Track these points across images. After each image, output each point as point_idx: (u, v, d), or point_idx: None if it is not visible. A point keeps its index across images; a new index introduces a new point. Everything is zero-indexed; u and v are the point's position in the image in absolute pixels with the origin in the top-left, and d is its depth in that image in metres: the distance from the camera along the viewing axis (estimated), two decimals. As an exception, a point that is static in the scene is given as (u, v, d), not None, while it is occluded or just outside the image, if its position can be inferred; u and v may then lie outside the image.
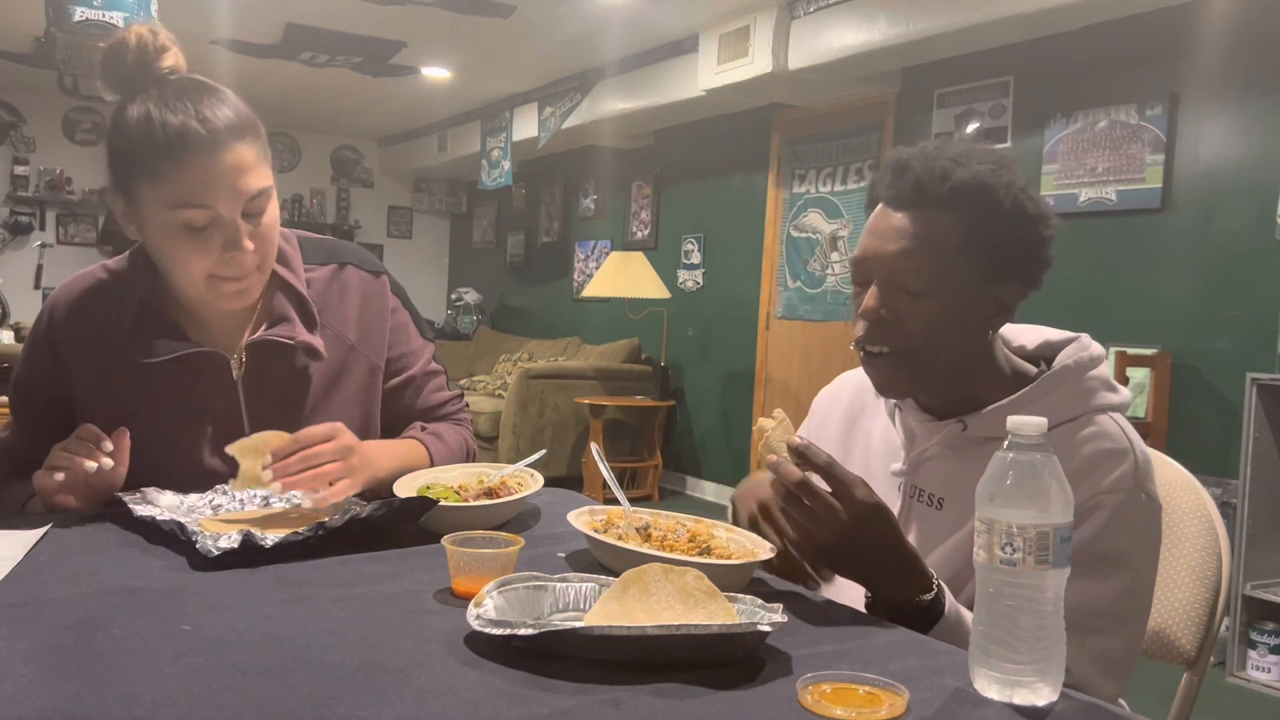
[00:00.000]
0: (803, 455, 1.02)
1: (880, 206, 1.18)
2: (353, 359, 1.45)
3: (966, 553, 1.15)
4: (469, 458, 1.54)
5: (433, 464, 1.46)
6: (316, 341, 1.39)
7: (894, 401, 1.27)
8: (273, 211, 1.31)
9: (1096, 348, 1.21)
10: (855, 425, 1.34)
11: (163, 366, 1.33)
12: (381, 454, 1.38)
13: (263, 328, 1.39)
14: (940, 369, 1.16)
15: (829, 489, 1.01)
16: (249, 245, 1.26)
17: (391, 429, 1.53)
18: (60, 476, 1.24)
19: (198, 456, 1.37)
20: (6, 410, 1.51)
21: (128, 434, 1.28)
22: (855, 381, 1.37)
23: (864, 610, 1.07)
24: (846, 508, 1.00)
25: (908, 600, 1.03)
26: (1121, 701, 1.25)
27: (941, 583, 1.06)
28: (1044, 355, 1.24)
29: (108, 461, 1.24)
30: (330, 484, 1.25)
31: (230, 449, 1.23)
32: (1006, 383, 1.19)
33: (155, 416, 1.35)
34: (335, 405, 1.42)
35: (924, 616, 1.03)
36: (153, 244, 1.30)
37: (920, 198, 1.13)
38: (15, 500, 1.34)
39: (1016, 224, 1.13)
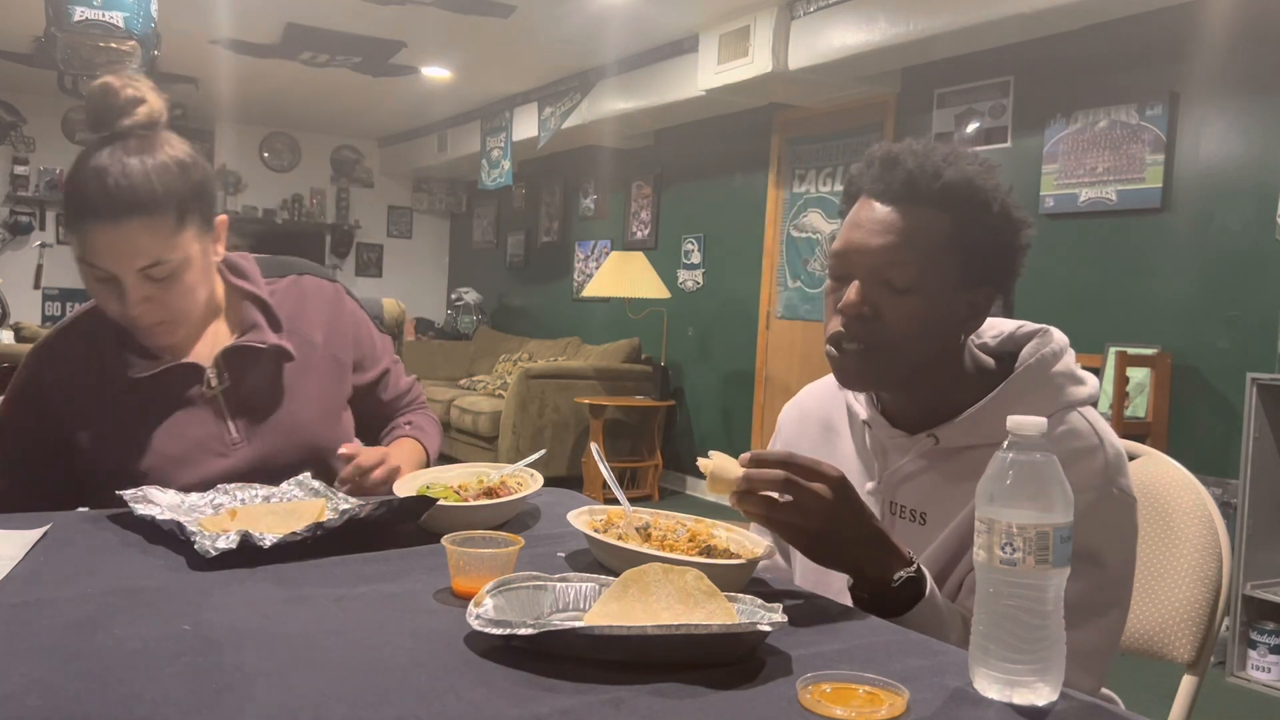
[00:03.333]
0: (762, 461, 1.02)
1: (864, 199, 1.16)
2: (318, 357, 1.54)
3: (945, 560, 1.16)
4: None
5: (428, 457, 1.61)
6: (286, 343, 1.48)
7: (864, 420, 1.26)
8: (188, 274, 1.35)
9: (1059, 340, 1.21)
10: (828, 441, 1.32)
11: (146, 383, 1.41)
12: (395, 455, 1.50)
13: (234, 336, 1.48)
14: (910, 369, 1.15)
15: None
16: (136, 308, 1.33)
17: (372, 419, 1.66)
18: None
19: (191, 464, 1.41)
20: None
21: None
22: (820, 394, 1.36)
23: (849, 597, 1.07)
24: (825, 485, 1.01)
25: (891, 576, 1.04)
26: (1116, 699, 1.26)
27: (920, 562, 1.06)
28: (1008, 350, 1.23)
29: None
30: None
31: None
32: (973, 386, 1.18)
33: (145, 431, 1.41)
34: (307, 400, 1.51)
35: (909, 592, 1.04)
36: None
37: (911, 193, 1.13)
38: None
39: (1000, 228, 1.14)
